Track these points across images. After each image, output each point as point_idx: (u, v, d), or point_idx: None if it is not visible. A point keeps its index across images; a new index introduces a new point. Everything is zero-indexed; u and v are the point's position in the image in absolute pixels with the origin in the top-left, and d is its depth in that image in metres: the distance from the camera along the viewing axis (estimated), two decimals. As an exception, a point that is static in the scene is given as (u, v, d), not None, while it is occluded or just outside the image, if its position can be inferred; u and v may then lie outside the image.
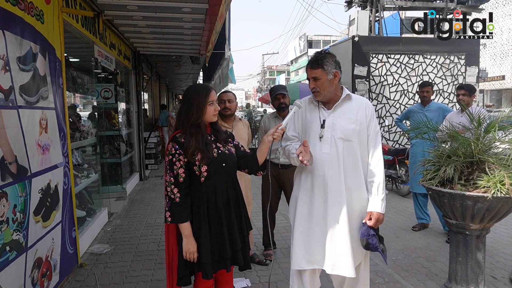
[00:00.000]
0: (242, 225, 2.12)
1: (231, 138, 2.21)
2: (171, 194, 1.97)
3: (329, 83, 2.17)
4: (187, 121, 2.01)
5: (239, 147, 2.22)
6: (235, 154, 2.16)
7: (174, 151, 1.98)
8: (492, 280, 3.21)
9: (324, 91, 2.18)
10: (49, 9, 3.03)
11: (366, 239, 2.14)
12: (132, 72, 7.68)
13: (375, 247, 2.13)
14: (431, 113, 4.36)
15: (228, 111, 3.34)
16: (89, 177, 4.56)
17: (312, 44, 45.97)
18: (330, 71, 2.16)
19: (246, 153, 2.20)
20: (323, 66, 2.15)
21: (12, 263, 2.29)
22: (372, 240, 2.13)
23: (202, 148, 1.97)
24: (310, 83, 2.23)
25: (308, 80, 2.25)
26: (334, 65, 2.18)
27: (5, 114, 2.26)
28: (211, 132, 2.12)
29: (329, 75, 2.16)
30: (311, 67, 2.19)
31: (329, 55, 2.20)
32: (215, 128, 2.14)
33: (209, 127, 2.13)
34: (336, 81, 2.20)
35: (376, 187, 2.17)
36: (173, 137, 2.04)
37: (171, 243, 2.13)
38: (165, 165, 2.05)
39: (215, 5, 4.19)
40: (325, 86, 2.17)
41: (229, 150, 2.12)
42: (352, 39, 7.84)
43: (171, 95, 20.60)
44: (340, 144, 2.17)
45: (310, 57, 2.27)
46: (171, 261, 2.14)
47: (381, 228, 4.47)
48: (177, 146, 1.98)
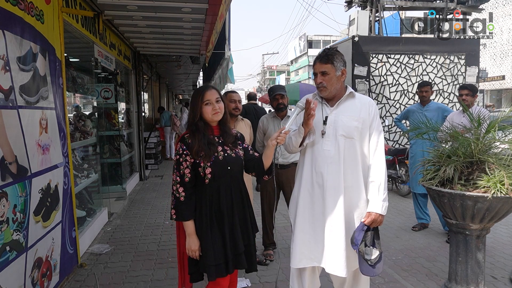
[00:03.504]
0: (247, 228, 2.13)
1: (240, 141, 2.20)
2: (176, 192, 2.02)
3: (337, 79, 2.19)
4: (190, 121, 2.09)
5: (248, 150, 2.21)
6: (244, 157, 2.16)
7: (181, 151, 2.03)
8: (492, 280, 3.21)
9: (331, 87, 2.19)
10: (49, 9, 3.03)
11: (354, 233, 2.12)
12: (132, 72, 7.68)
13: (356, 243, 2.07)
14: (431, 113, 4.36)
15: (237, 111, 3.35)
16: (89, 177, 4.56)
17: (312, 44, 45.99)
18: (339, 68, 2.18)
19: (254, 157, 2.20)
20: (333, 61, 2.16)
21: (12, 263, 2.29)
22: (358, 235, 2.09)
23: (204, 147, 1.99)
24: (317, 77, 2.21)
25: (315, 75, 2.24)
26: (343, 63, 2.20)
27: (5, 114, 2.27)
28: (219, 134, 2.12)
29: (337, 71, 2.18)
30: (321, 61, 2.19)
31: (338, 52, 2.22)
32: (224, 130, 2.14)
33: (218, 128, 2.13)
34: (343, 79, 2.22)
35: (376, 187, 2.15)
36: (181, 138, 2.08)
37: (182, 240, 2.17)
38: (174, 164, 2.10)
39: (215, 5, 4.19)
40: (333, 82, 2.18)
41: (237, 153, 2.12)
42: (352, 39, 7.83)
43: (171, 95, 20.59)
44: (341, 141, 2.16)
45: (319, 53, 2.26)
46: (182, 257, 2.18)
47: (381, 228, 4.45)
48: (185, 147, 2.03)
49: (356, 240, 2.09)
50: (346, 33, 21.42)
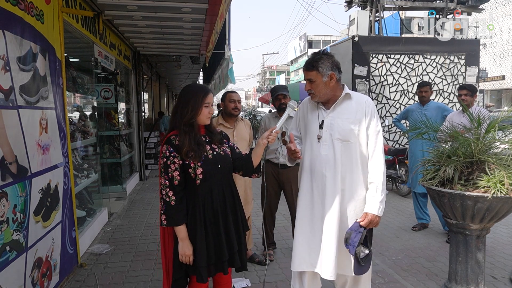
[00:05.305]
0: (238, 227, 2.12)
1: (226, 139, 2.19)
2: (166, 197, 1.95)
3: (324, 85, 2.14)
4: (181, 119, 2.00)
5: (235, 149, 2.20)
6: (231, 155, 2.15)
7: (168, 154, 1.96)
8: (492, 280, 3.21)
9: (319, 93, 2.16)
10: (49, 9, 3.03)
11: (349, 232, 2.09)
12: (132, 72, 7.68)
13: (352, 245, 2.06)
14: (430, 112, 4.36)
15: (237, 111, 3.35)
16: (89, 177, 4.56)
17: (312, 44, 45.95)
18: (325, 73, 2.12)
19: (241, 155, 2.18)
20: (317, 68, 2.11)
21: (12, 263, 2.29)
22: (355, 236, 2.07)
23: (194, 148, 1.96)
24: (306, 85, 2.21)
25: (305, 81, 2.24)
26: (331, 67, 2.13)
27: (5, 114, 2.27)
28: (205, 133, 2.11)
29: (324, 77, 2.12)
30: (306, 69, 2.17)
31: (325, 56, 2.15)
32: (209, 129, 2.12)
33: (203, 128, 2.11)
34: (332, 83, 2.15)
35: (374, 188, 2.14)
36: (167, 140, 2.00)
37: (166, 246, 2.11)
38: (159, 168, 2.03)
39: (215, 5, 4.19)
40: (320, 89, 2.14)
41: (225, 151, 2.11)
42: (352, 39, 7.84)
43: (171, 95, 20.59)
44: (338, 145, 2.14)
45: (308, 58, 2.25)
46: (167, 263, 2.12)
47: (381, 228, 4.51)
48: (172, 149, 1.96)
49: (352, 241, 2.07)
50: (346, 33, 21.40)
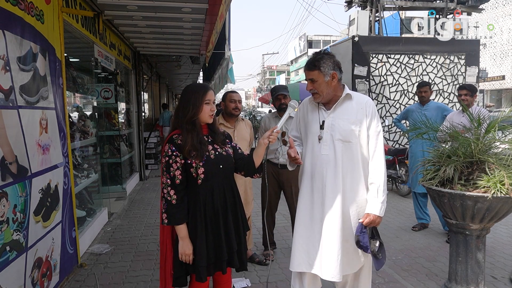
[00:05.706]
0: (238, 227, 2.12)
1: (228, 139, 2.19)
2: (167, 196, 1.96)
3: (327, 85, 2.15)
4: (183, 118, 2.01)
5: (237, 149, 2.20)
6: (233, 155, 2.15)
7: (170, 153, 1.97)
8: (492, 280, 3.21)
9: (322, 93, 2.16)
10: (49, 9, 3.03)
11: (357, 236, 2.12)
12: (132, 72, 7.68)
13: (365, 246, 2.09)
14: (430, 112, 4.36)
15: (238, 111, 3.35)
16: (89, 177, 4.56)
17: (312, 44, 45.94)
18: (327, 72, 2.13)
19: (243, 155, 2.18)
20: (319, 68, 2.12)
21: (12, 263, 2.29)
22: (363, 238, 2.09)
23: (196, 146, 1.96)
24: (308, 85, 2.21)
25: (307, 81, 2.24)
26: (332, 66, 2.14)
27: (5, 114, 2.27)
28: (208, 133, 2.10)
29: (326, 77, 2.13)
30: (308, 68, 2.18)
31: (326, 56, 2.17)
32: (212, 129, 2.12)
33: (206, 128, 2.11)
34: (334, 83, 2.16)
35: (375, 189, 2.14)
36: (170, 138, 2.01)
37: (166, 244, 2.11)
38: (162, 166, 2.03)
39: (215, 5, 4.19)
40: (323, 88, 2.15)
41: (227, 151, 2.11)
42: (352, 39, 7.83)
43: (171, 95, 20.60)
44: (338, 146, 2.15)
45: (309, 58, 2.26)
46: (164, 261, 2.12)
47: (381, 228, 4.49)
48: (174, 148, 1.97)
49: (364, 243, 2.09)
50: (346, 33, 21.42)
